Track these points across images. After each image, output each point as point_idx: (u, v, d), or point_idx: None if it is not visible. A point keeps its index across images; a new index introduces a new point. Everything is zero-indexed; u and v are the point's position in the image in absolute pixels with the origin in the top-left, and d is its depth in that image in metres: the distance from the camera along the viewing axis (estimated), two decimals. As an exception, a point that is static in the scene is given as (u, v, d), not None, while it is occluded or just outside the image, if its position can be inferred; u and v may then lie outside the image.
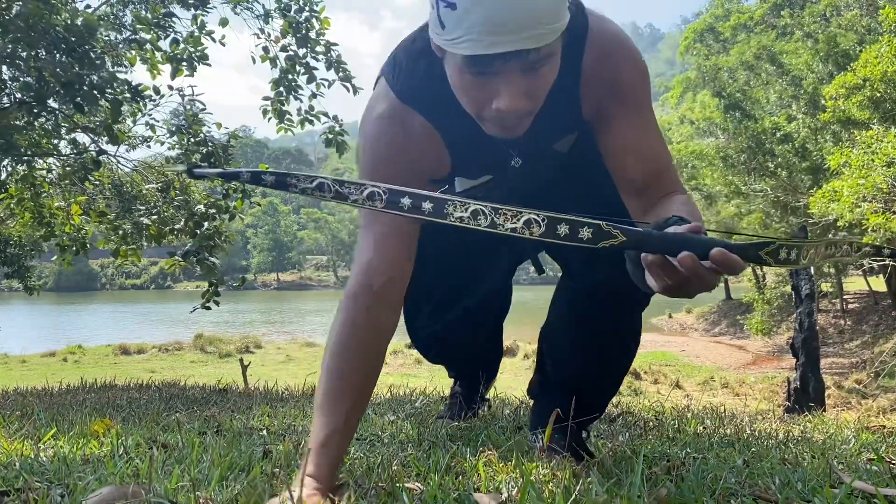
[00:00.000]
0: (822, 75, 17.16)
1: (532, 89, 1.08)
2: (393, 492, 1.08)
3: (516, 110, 1.07)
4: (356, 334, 1.18)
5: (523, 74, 1.05)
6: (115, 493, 1.01)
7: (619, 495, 0.98)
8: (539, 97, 1.10)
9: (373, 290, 1.20)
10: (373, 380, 1.20)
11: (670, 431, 1.92)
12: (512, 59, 1.02)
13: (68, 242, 7.01)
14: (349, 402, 1.15)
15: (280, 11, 6.46)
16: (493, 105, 1.07)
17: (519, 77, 1.05)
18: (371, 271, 1.20)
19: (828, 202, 11.90)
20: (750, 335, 22.43)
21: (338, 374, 1.16)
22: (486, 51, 1.01)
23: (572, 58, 1.20)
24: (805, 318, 8.27)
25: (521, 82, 1.06)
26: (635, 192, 1.23)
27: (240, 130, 8.03)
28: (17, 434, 1.73)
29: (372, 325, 1.19)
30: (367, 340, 1.19)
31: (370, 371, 1.19)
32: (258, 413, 2.27)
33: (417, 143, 1.25)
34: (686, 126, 23.87)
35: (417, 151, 1.26)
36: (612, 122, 1.24)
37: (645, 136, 1.24)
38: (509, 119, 1.10)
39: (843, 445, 1.65)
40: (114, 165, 7.44)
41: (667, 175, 1.23)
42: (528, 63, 1.04)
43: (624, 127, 1.23)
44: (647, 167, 1.22)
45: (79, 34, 4.77)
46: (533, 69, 1.05)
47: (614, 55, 1.23)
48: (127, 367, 16.00)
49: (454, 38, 1.03)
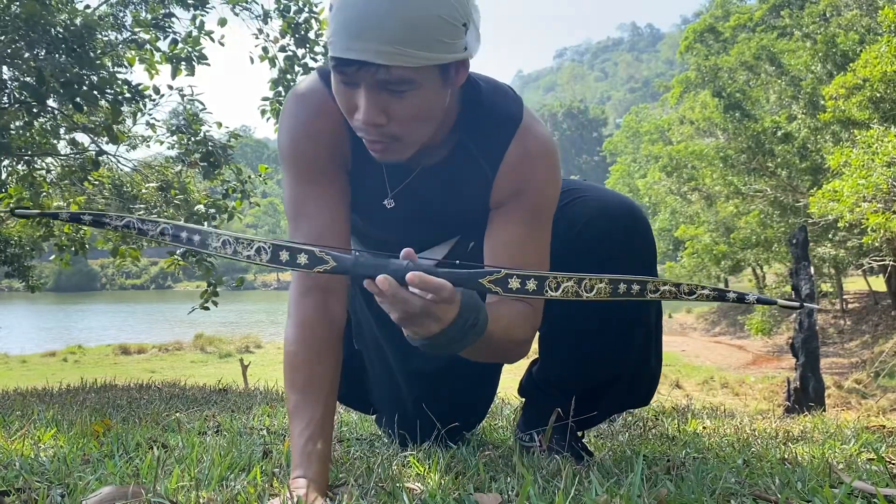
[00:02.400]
0: (821, 75, 17.17)
1: (393, 110, 1.06)
2: (393, 492, 1.08)
3: (372, 124, 1.06)
4: (313, 332, 1.20)
5: (380, 91, 1.04)
6: (115, 493, 1.01)
7: (619, 495, 0.98)
8: (402, 121, 1.08)
9: (320, 287, 1.21)
10: (338, 370, 1.22)
11: (670, 431, 1.92)
12: (362, 70, 1.01)
13: (67, 242, 7.01)
14: (322, 398, 1.16)
15: (279, 12, 6.46)
16: (354, 115, 1.08)
17: (378, 93, 1.04)
18: None
19: (828, 202, 11.90)
20: (750, 335, 22.44)
21: (306, 373, 1.18)
22: (341, 54, 1.02)
23: (497, 144, 1.23)
24: (805, 318, 8.27)
25: (380, 98, 1.05)
26: None
27: (240, 130, 8.03)
28: (17, 434, 1.73)
29: (326, 321, 1.21)
30: (323, 336, 1.21)
31: (334, 362, 1.21)
32: (258, 413, 2.28)
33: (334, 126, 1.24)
34: (686, 126, 23.88)
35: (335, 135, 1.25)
36: (508, 217, 1.24)
37: (532, 245, 1.24)
38: (370, 134, 1.09)
39: (843, 445, 1.65)
40: (113, 165, 7.44)
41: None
42: (378, 80, 1.02)
43: (512, 227, 1.23)
44: (514, 265, 1.19)
45: (78, 34, 4.77)
46: (390, 90, 1.04)
47: (539, 160, 1.24)
48: (127, 367, 16.01)
49: (329, 39, 1.05)
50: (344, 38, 1.01)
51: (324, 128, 1.25)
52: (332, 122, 1.24)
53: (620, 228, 1.35)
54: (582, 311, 1.30)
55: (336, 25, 1.02)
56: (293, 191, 1.25)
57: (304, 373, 1.18)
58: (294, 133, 1.26)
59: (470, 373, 1.57)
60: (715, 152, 20.47)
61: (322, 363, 1.19)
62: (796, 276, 8.45)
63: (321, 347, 1.20)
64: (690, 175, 22.86)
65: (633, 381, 1.51)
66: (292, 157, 1.26)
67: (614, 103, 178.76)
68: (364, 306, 1.59)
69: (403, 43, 0.99)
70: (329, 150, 1.26)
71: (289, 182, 1.26)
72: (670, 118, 27.23)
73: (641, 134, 33.70)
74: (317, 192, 1.24)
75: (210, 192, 7.12)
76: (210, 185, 7.08)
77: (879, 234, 11.27)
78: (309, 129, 1.25)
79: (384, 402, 1.66)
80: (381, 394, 1.65)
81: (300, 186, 1.24)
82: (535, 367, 1.61)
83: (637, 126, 36.22)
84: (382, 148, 1.12)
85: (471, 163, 1.25)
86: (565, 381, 1.50)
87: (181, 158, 6.76)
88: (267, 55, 6.58)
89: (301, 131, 1.25)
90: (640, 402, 1.58)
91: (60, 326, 31.46)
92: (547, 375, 1.55)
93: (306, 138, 1.25)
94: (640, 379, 1.52)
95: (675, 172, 23.36)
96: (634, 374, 1.50)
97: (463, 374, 1.55)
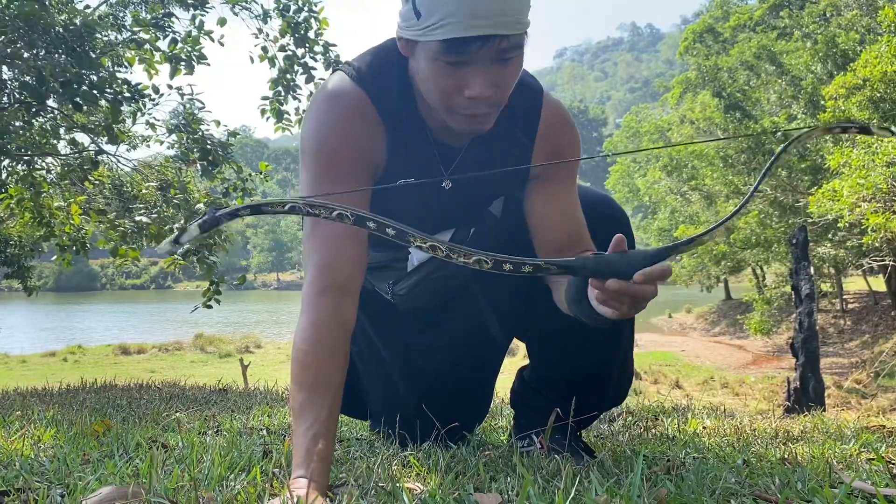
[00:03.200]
0: (821, 75, 17.16)
1: (501, 80, 1.13)
2: (393, 492, 1.08)
3: (487, 99, 1.13)
4: (326, 332, 1.20)
5: (493, 64, 1.11)
6: (115, 493, 1.01)
7: (619, 495, 0.98)
8: (507, 89, 1.16)
9: (337, 288, 1.22)
10: (345, 373, 1.22)
11: (670, 431, 1.92)
12: (486, 45, 1.08)
13: (68, 242, 7.01)
14: (329, 398, 1.16)
15: (279, 12, 6.46)
16: (465, 93, 1.12)
17: (490, 66, 1.11)
18: (331, 270, 1.22)
19: (827, 202, 11.90)
20: (750, 335, 22.44)
21: (315, 372, 1.18)
22: (463, 33, 1.06)
23: (530, 114, 1.31)
24: (805, 318, 8.27)
25: (491, 71, 1.11)
26: (554, 250, 1.33)
27: (239, 130, 8.03)
28: (17, 434, 1.73)
29: (339, 322, 1.22)
30: (336, 337, 1.21)
31: (342, 365, 1.21)
32: (258, 413, 2.28)
33: (365, 126, 1.26)
34: (686, 126, 23.88)
35: (365, 136, 1.26)
36: (550, 185, 1.35)
37: (574, 203, 1.36)
38: (480, 107, 1.15)
39: (843, 445, 1.65)
40: (113, 165, 7.44)
41: (584, 233, 1.35)
42: (500, 51, 1.09)
43: (560, 191, 1.35)
44: (571, 229, 1.34)
45: (78, 34, 4.77)
46: (503, 59, 1.11)
47: (566, 125, 1.36)
48: (127, 367, 16.00)
49: (430, 25, 1.08)
50: (467, 17, 1.05)
51: (361, 128, 1.26)
52: (369, 122, 1.26)
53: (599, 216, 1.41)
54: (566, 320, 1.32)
55: (448, 9, 1.05)
56: (316, 188, 1.24)
57: (314, 372, 1.18)
58: (326, 132, 1.26)
59: (470, 371, 1.58)
60: (715, 152, 20.48)
61: (331, 364, 1.19)
62: (796, 276, 8.46)
63: (332, 348, 1.20)
64: (691, 175, 22.87)
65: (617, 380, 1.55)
66: (319, 155, 1.25)
67: (614, 103, 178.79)
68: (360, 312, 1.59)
69: (517, 12, 1.09)
70: (360, 151, 1.27)
71: (310, 179, 1.25)
72: (670, 118, 27.22)
73: (641, 134, 33.71)
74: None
75: (210, 191, 7.11)
76: (210, 184, 7.08)
77: (879, 235, 11.27)
78: (343, 130, 1.25)
79: (381, 404, 1.65)
80: (377, 396, 1.65)
81: (323, 184, 1.24)
82: (525, 372, 1.62)
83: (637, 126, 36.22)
84: (483, 120, 1.18)
85: (508, 133, 1.29)
86: (558, 381, 1.51)
87: (181, 158, 6.76)
88: (266, 55, 6.57)
89: (334, 131, 1.25)
90: (619, 401, 1.63)
91: (60, 326, 31.46)
92: (539, 377, 1.56)
93: (338, 138, 1.25)
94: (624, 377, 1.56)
95: (675, 172, 23.37)
96: (620, 372, 1.54)
97: (462, 372, 1.56)
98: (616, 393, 1.58)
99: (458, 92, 1.13)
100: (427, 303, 1.48)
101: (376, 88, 1.26)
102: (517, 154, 1.32)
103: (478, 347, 1.56)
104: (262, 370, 13.29)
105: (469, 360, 1.56)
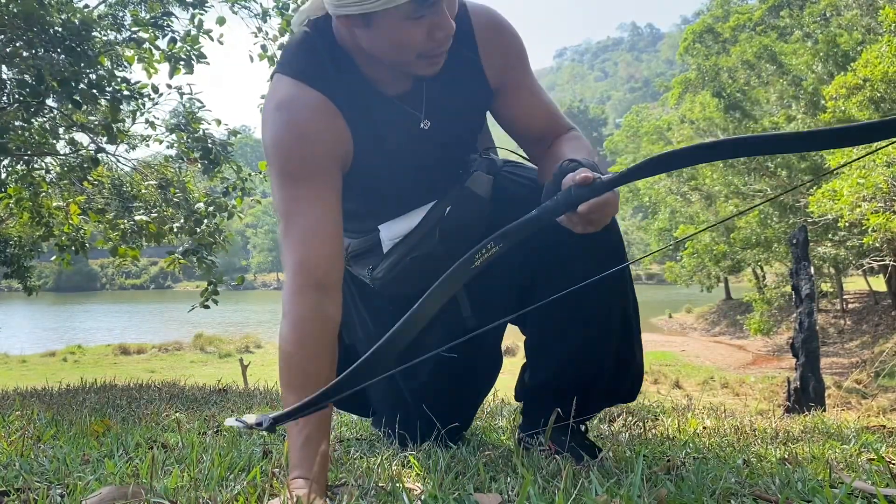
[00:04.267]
0: (822, 75, 17.16)
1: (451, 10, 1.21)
2: (393, 492, 1.08)
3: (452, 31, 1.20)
4: (308, 331, 1.20)
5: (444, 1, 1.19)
6: (115, 493, 1.01)
7: (619, 495, 0.98)
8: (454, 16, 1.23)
9: (314, 286, 1.21)
10: (334, 369, 1.21)
11: (670, 431, 1.92)
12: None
13: (66, 242, 7.00)
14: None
15: (278, 10, 6.45)
16: (436, 35, 1.19)
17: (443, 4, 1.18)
18: (307, 268, 1.22)
19: (827, 202, 11.90)
20: (750, 335, 22.44)
21: (301, 372, 1.18)
22: None
23: (464, 29, 1.34)
24: (805, 317, 8.26)
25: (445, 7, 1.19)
26: (536, 140, 1.45)
27: (239, 129, 8.02)
28: (17, 434, 1.73)
29: (321, 318, 1.21)
30: (320, 333, 1.21)
31: (330, 361, 1.21)
32: (258, 413, 2.27)
33: (323, 122, 1.28)
34: (686, 126, 23.87)
35: (325, 131, 1.28)
36: (515, 90, 1.42)
37: (539, 95, 1.45)
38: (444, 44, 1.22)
39: (843, 445, 1.65)
40: (113, 164, 7.44)
41: (559, 119, 1.45)
42: None
43: (524, 91, 1.43)
44: (545, 119, 1.44)
45: (77, 33, 4.76)
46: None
47: (501, 28, 1.40)
48: (127, 367, 16.00)
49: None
50: None
51: (323, 126, 1.27)
52: (323, 113, 1.28)
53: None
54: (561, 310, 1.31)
55: None
56: (285, 192, 1.26)
57: (300, 372, 1.18)
58: (287, 140, 1.26)
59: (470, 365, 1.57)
60: (715, 152, 20.42)
61: (318, 362, 1.19)
62: (796, 276, 8.46)
63: (317, 346, 1.20)
64: (691, 175, 22.85)
65: (617, 375, 1.52)
66: (285, 162, 1.26)
67: (614, 103, 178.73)
68: (359, 306, 1.59)
69: None
70: (326, 147, 1.28)
71: (280, 184, 1.27)
72: (670, 118, 27.21)
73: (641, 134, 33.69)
74: (308, 192, 1.25)
75: (210, 190, 7.11)
76: (210, 183, 7.07)
77: (880, 234, 11.27)
78: (301, 135, 1.26)
79: (381, 401, 1.65)
80: (377, 393, 1.65)
81: (292, 188, 1.25)
82: (526, 374, 1.61)
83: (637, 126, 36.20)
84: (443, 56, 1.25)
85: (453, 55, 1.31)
86: (556, 381, 1.50)
87: (180, 157, 6.75)
88: (266, 53, 6.57)
89: (295, 137, 1.26)
90: (627, 398, 1.59)
91: (60, 326, 31.45)
92: (538, 379, 1.55)
93: (301, 143, 1.26)
94: (624, 373, 1.53)
95: (675, 172, 23.34)
96: (618, 366, 1.51)
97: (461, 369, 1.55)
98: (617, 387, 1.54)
99: (430, 37, 1.19)
100: (409, 287, 1.44)
101: (316, 77, 1.29)
102: (470, 70, 1.37)
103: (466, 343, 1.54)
104: (262, 370, 13.29)
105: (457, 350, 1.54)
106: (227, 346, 20.72)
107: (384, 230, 1.45)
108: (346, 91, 1.30)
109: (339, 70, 1.29)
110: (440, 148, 1.40)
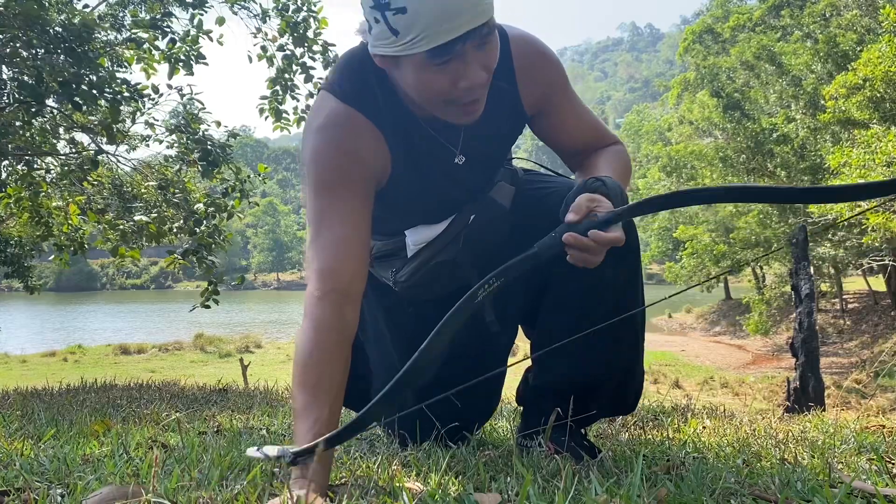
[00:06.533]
0: (821, 75, 17.16)
1: (487, 61, 1.21)
2: (393, 492, 1.08)
3: (480, 83, 1.20)
4: (327, 336, 1.22)
5: (477, 50, 1.18)
6: (115, 493, 1.01)
7: (619, 495, 0.98)
8: (492, 68, 1.23)
9: (338, 293, 1.23)
10: (346, 375, 1.24)
11: (670, 431, 1.92)
12: (468, 40, 1.14)
13: (66, 242, 7.00)
14: (330, 399, 1.17)
15: (277, 11, 6.46)
16: (459, 85, 1.18)
17: (474, 53, 1.18)
18: (333, 275, 1.24)
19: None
20: (749, 335, 22.44)
21: (317, 374, 1.19)
22: (445, 39, 1.12)
23: (503, 60, 1.33)
24: (805, 317, 8.25)
25: (477, 57, 1.18)
26: (580, 153, 1.49)
27: (239, 129, 8.03)
28: (17, 434, 1.73)
29: (340, 326, 1.23)
30: (336, 340, 1.23)
31: (345, 367, 1.23)
32: (258, 413, 2.28)
33: (365, 143, 1.31)
34: (685, 126, 23.88)
35: (366, 151, 1.31)
36: (557, 113, 1.46)
37: (581, 116, 1.49)
38: (475, 93, 1.21)
39: (843, 445, 1.65)
40: (113, 165, 7.43)
41: (601, 134, 1.50)
42: (482, 37, 1.16)
43: (565, 115, 1.47)
44: (587, 136, 1.49)
45: (77, 34, 4.77)
46: (484, 43, 1.18)
47: (539, 56, 1.41)
48: (127, 367, 15.99)
49: (411, 40, 1.13)
50: (444, 22, 1.11)
51: (359, 146, 1.30)
52: (366, 137, 1.31)
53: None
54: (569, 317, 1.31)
55: (426, 20, 1.11)
56: (319, 202, 1.29)
57: (316, 373, 1.19)
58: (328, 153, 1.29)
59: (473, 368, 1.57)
60: (714, 152, 20.47)
61: (333, 366, 1.21)
62: (796, 275, 8.45)
63: (333, 351, 1.22)
64: (690, 175, 22.85)
65: (620, 386, 1.54)
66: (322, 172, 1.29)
67: (614, 103, 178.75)
68: (374, 302, 1.59)
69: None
70: (365, 165, 1.31)
71: (314, 193, 1.30)
72: (670, 118, 27.21)
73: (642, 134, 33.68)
74: (342, 204, 1.28)
75: (210, 191, 7.11)
76: (210, 184, 7.07)
77: (879, 234, 11.27)
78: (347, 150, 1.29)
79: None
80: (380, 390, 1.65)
81: (326, 198, 1.28)
82: (530, 375, 1.61)
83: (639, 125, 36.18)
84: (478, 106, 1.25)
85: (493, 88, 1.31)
86: (560, 384, 1.51)
87: (180, 157, 6.75)
88: (265, 54, 6.58)
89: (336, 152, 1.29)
90: (627, 409, 1.61)
91: (60, 326, 31.45)
92: (542, 381, 1.56)
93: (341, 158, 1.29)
94: (627, 385, 1.55)
95: (675, 172, 23.35)
96: (622, 378, 1.53)
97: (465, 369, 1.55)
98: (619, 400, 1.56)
99: (454, 86, 1.19)
100: (430, 292, 1.49)
101: (364, 101, 1.31)
102: (507, 102, 1.39)
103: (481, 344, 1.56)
104: (262, 370, 13.28)
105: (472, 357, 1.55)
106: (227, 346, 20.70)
107: (410, 235, 1.48)
108: (389, 118, 1.32)
109: (384, 96, 1.32)
110: (471, 178, 1.44)
